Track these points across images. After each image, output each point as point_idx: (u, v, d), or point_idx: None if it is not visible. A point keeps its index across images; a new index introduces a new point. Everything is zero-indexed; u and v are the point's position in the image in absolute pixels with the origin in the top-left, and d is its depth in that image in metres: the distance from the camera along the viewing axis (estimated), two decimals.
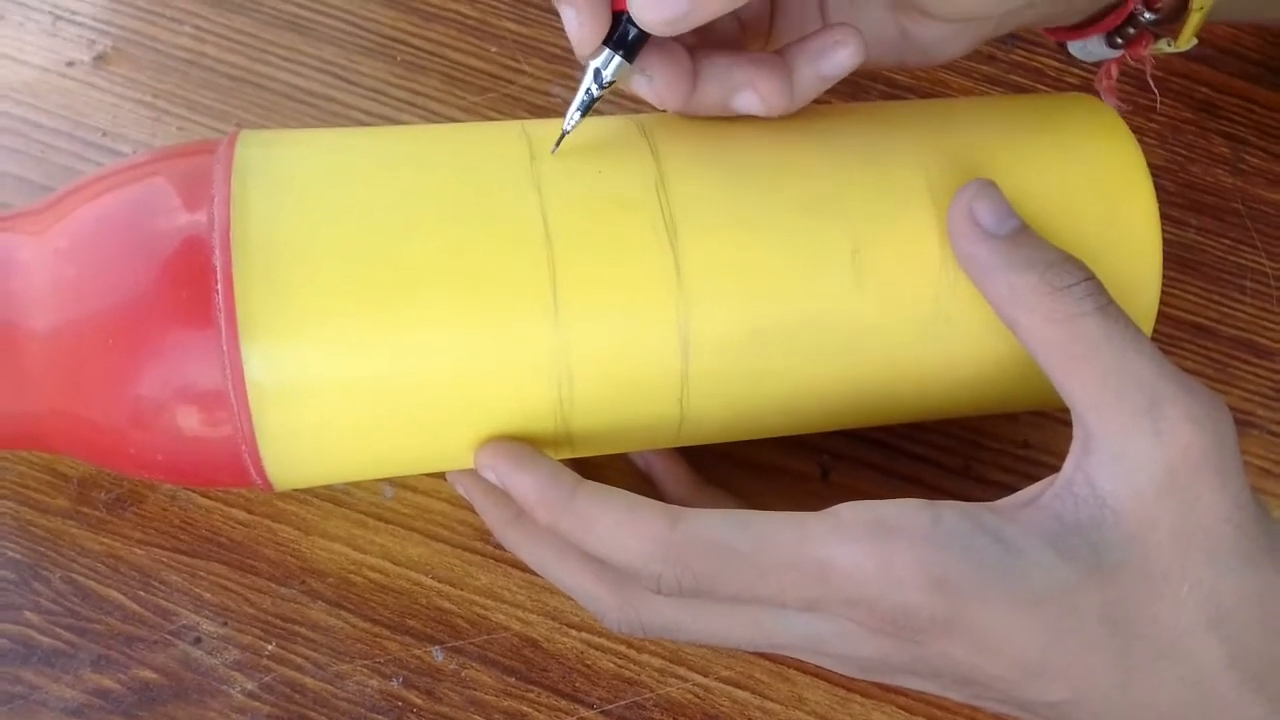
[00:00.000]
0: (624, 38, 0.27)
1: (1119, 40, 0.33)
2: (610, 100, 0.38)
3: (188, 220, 0.26)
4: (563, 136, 0.28)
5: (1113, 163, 0.30)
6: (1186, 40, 0.32)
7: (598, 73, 0.27)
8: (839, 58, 0.28)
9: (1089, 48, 0.34)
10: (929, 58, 0.31)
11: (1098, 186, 0.30)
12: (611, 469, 0.34)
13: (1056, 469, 0.26)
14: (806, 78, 0.28)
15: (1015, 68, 0.43)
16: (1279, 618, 0.25)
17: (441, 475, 0.34)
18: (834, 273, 0.28)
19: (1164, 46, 0.33)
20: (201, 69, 0.40)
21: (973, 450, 0.36)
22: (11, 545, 0.32)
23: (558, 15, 0.27)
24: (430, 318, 0.26)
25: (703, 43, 0.30)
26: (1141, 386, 0.25)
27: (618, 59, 0.27)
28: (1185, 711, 0.25)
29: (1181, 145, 0.42)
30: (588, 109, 0.28)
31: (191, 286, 0.25)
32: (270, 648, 0.32)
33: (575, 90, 0.28)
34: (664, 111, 0.29)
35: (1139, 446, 0.25)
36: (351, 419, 0.27)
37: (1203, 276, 0.39)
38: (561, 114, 0.28)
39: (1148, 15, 0.32)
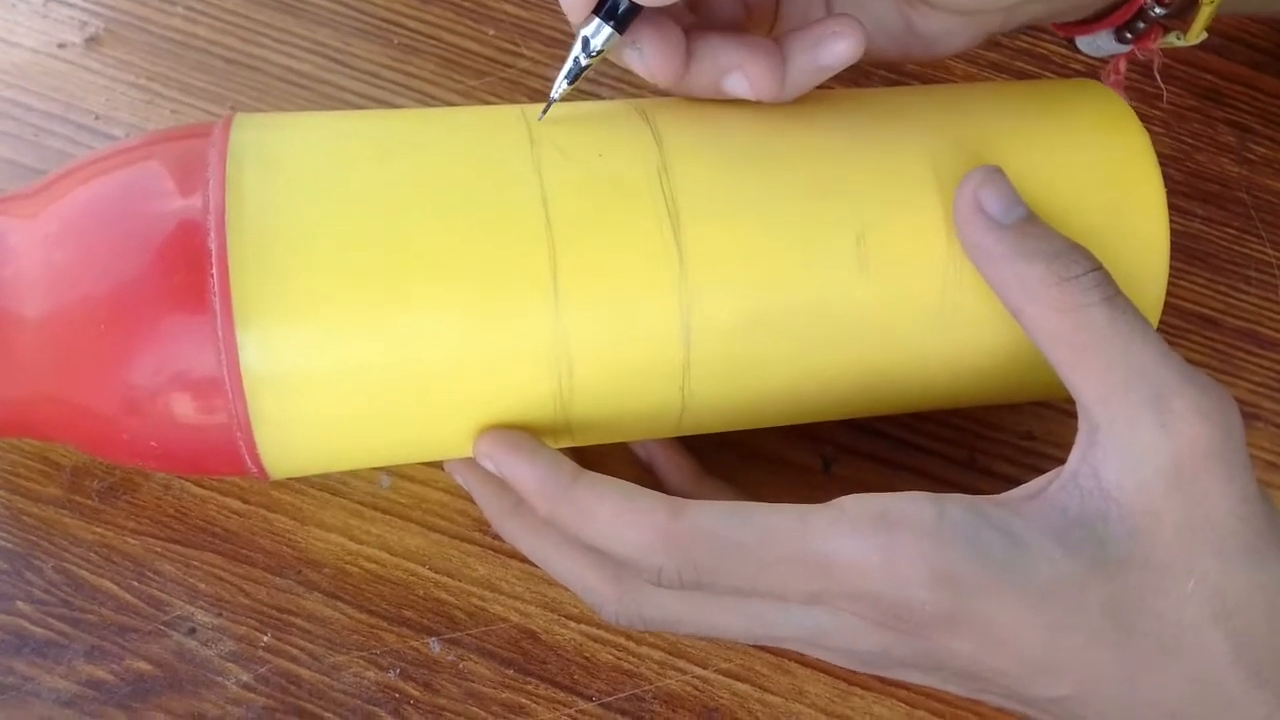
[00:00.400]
0: (615, 8, 0.26)
1: (1128, 35, 0.32)
2: (610, 83, 0.38)
3: (182, 205, 0.26)
4: (550, 104, 0.28)
5: (1120, 150, 0.30)
6: (1196, 34, 0.32)
7: (586, 41, 0.27)
8: (837, 49, 0.28)
9: (1098, 42, 0.33)
10: (933, 51, 0.31)
11: (1105, 174, 0.30)
12: (613, 459, 0.33)
13: (1061, 460, 0.26)
14: (802, 66, 0.28)
15: (1020, 54, 0.43)
16: None
17: (439, 464, 0.33)
18: (838, 260, 0.28)
19: (1174, 40, 0.33)
20: (195, 51, 0.40)
21: (977, 441, 0.36)
22: (3, 534, 0.32)
23: None
24: (428, 303, 0.26)
25: (703, 23, 0.29)
26: (1148, 379, 0.25)
27: (608, 28, 0.27)
28: (1190, 707, 0.25)
29: (1187, 133, 0.42)
30: (576, 77, 0.28)
31: (186, 272, 0.25)
32: (265, 639, 0.31)
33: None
34: (665, 95, 0.29)
35: (1145, 439, 0.25)
36: (348, 406, 0.26)
37: (1208, 266, 0.39)
38: None
39: (1158, 10, 0.31)
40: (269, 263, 0.25)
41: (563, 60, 0.28)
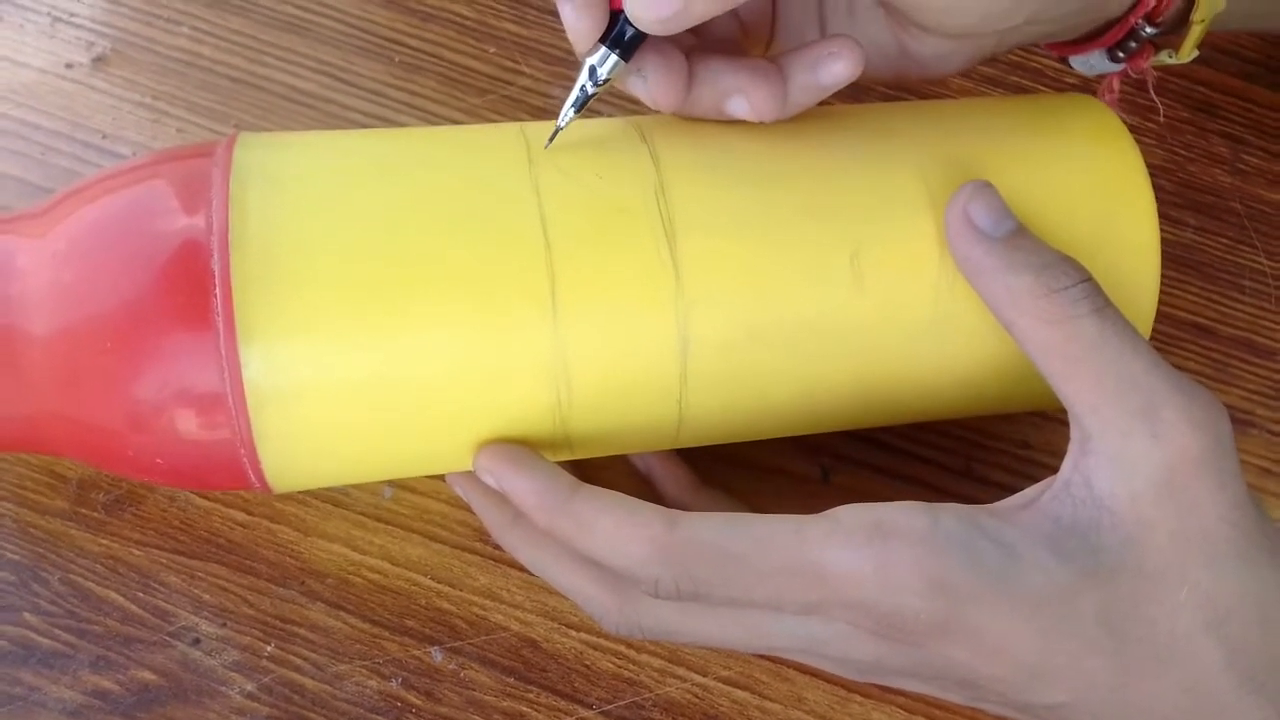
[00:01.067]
0: (620, 36, 0.27)
1: (1121, 54, 0.33)
2: (609, 101, 0.38)
3: (186, 224, 0.26)
4: (556, 133, 0.28)
5: (1111, 163, 0.30)
6: (1188, 52, 0.32)
7: (593, 70, 0.27)
8: (835, 69, 0.28)
9: (1091, 62, 0.34)
10: (927, 72, 0.31)
11: (1096, 187, 0.30)
12: (611, 471, 0.34)
13: (1057, 469, 0.26)
14: (801, 87, 0.28)
15: (1014, 68, 0.43)
16: (1278, 619, 0.25)
17: (441, 476, 0.34)
18: (833, 275, 0.28)
19: (1165, 58, 0.33)
20: (200, 70, 0.40)
21: (973, 451, 0.36)
22: (10, 546, 0.32)
23: (557, 16, 0.27)
24: (428, 320, 0.26)
25: (701, 46, 0.30)
26: (1138, 388, 0.25)
27: (614, 57, 0.27)
28: (1184, 714, 0.25)
29: (1180, 145, 0.42)
30: (582, 106, 0.28)
31: (190, 291, 0.25)
32: (269, 649, 0.32)
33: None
34: (662, 114, 0.30)
35: (1136, 448, 0.25)
36: (350, 421, 0.27)
37: (1201, 276, 0.39)
38: None
39: (1149, 29, 0.32)
40: (272, 281, 0.26)
41: (563, 77, 0.28)
